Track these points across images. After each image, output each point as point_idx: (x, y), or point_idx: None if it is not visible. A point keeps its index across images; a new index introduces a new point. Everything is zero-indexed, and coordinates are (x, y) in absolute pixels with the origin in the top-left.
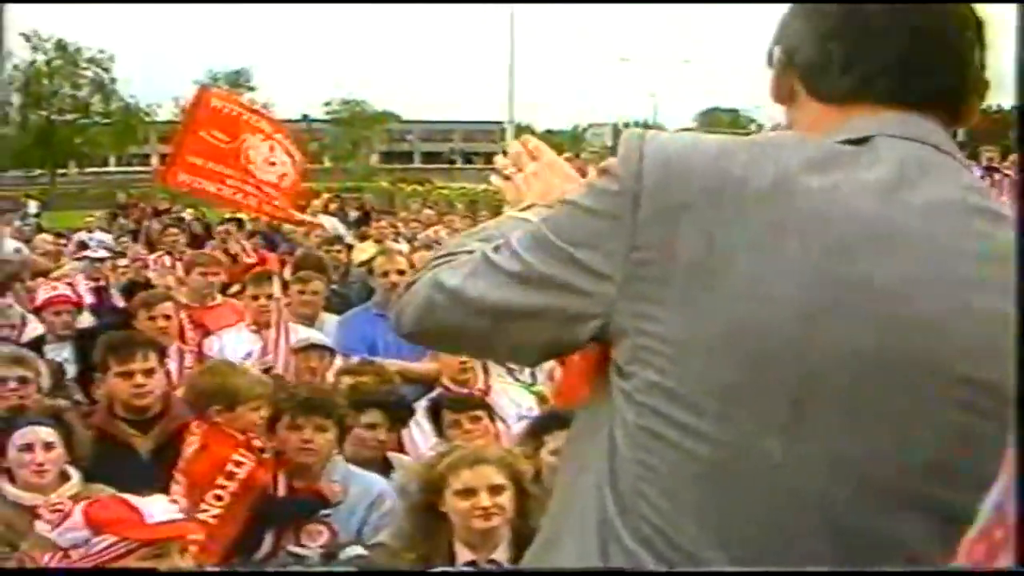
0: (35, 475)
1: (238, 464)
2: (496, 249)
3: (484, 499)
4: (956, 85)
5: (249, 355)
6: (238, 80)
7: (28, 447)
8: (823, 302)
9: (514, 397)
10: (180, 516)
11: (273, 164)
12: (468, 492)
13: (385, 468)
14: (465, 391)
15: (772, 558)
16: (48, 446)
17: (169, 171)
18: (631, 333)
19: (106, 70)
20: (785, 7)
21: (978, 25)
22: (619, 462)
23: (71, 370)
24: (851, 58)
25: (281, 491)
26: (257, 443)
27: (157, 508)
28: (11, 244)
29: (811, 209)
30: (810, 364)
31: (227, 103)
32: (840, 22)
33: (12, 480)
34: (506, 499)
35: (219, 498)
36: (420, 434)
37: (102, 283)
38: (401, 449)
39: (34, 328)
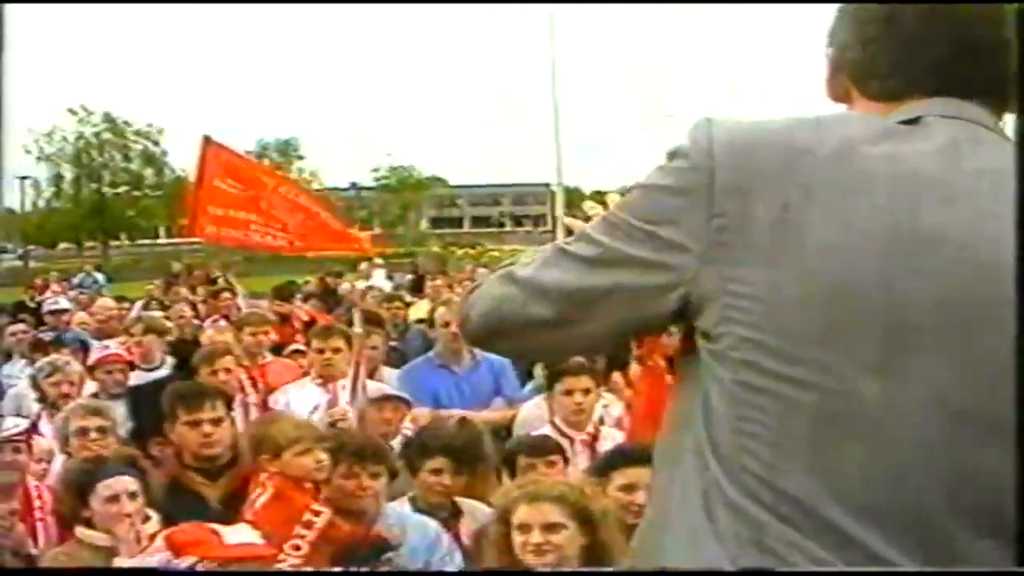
0: (121, 525)
1: (316, 513)
2: (569, 241)
3: (536, 536)
4: (997, 78)
5: (316, 408)
6: (287, 150)
7: (114, 498)
8: (900, 251)
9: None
10: (260, 542)
11: (294, 207)
12: (524, 528)
13: (454, 513)
14: (570, 434)
15: (883, 502)
16: (132, 495)
17: (195, 224)
18: (718, 296)
19: (155, 143)
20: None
21: (1020, 16)
22: (717, 423)
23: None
24: (895, 62)
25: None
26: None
27: (238, 532)
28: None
29: (875, 171)
30: (893, 308)
31: (232, 156)
32: (881, 28)
33: (91, 526)
34: (564, 537)
35: (297, 548)
36: None
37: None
38: (471, 495)
39: (90, 387)
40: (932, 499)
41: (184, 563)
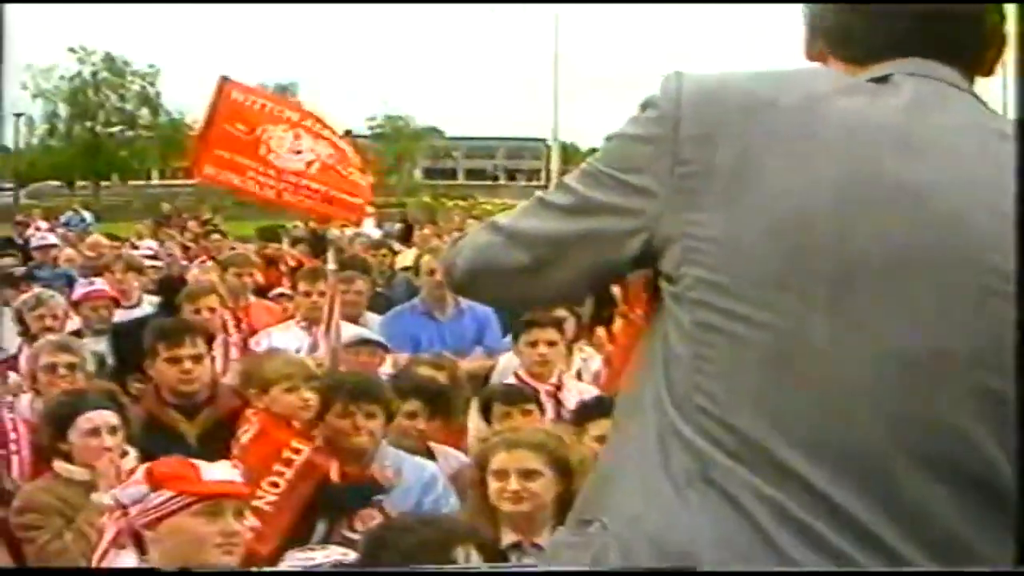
0: (101, 459)
1: (296, 451)
2: (548, 191)
3: (513, 482)
4: (971, 39)
5: (298, 351)
6: (285, 93)
7: (95, 431)
8: (855, 197)
9: (584, 393)
10: (239, 479)
11: (298, 152)
12: (501, 474)
13: (428, 458)
14: (533, 384)
15: (828, 441)
16: (113, 429)
17: (196, 164)
18: (679, 238)
19: (152, 84)
20: None
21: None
22: (674, 363)
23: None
24: (867, 26)
25: (334, 477)
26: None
27: (216, 469)
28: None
29: (839, 121)
30: (847, 253)
31: (247, 95)
32: None
33: (69, 460)
34: (541, 485)
35: (275, 485)
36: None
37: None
38: (446, 440)
39: (73, 323)
40: (878, 440)
41: (160, 497)
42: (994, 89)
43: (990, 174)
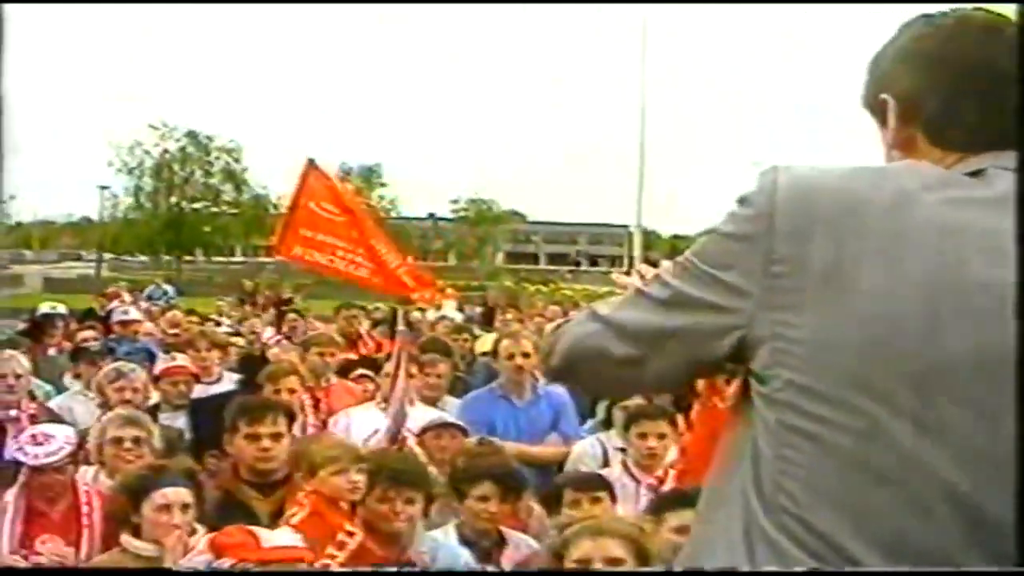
0: (169, 536)
1: (349, 534)
2: (647, 283)
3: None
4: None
5: (376, 432)
6: (370, 176)
7: (166, 507)
8: (943, 300)
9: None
10: (301, 544)
11: (375, 237)
12: (584, 562)
13: (500, 542)
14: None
15: (906, 542)
16: (185, 507)
17: (283, 244)
18: (769, 339)
19: (236, 160)
20: None
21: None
22: (762, 462)
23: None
24: (981, 117)
25: (377, 558)
26: None
27: (278, 536)
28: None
29: (930, 220)
30: (933, 357)
31: (333, 182)
32: (965, 79)
33: (137, 535)
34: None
35: (325, 567)
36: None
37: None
38: (516, 525)
39: (153, 398)
40: (954, 542)
41: (224, 564)
42: None
43: None
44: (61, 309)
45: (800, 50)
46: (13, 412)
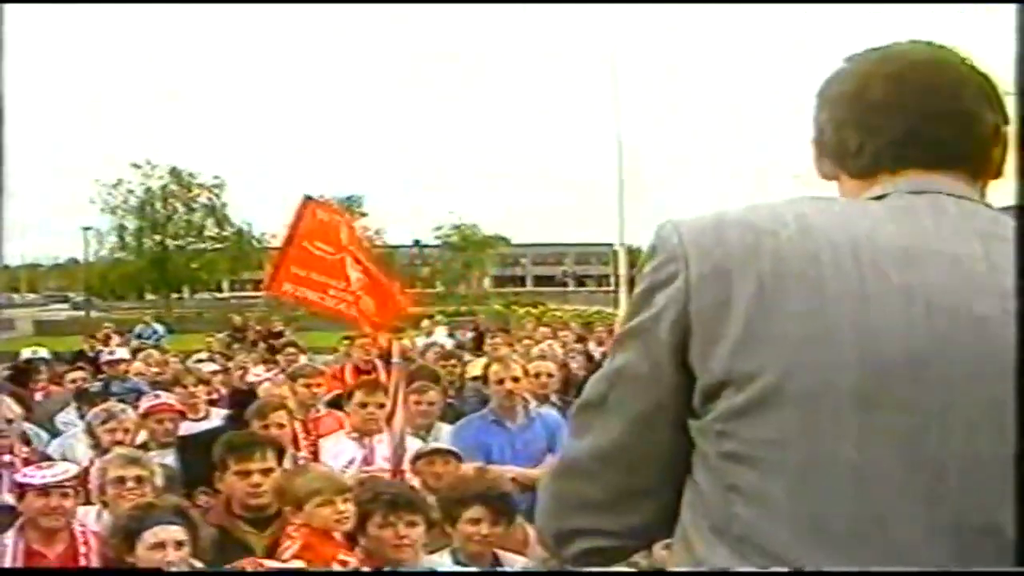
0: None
1: (343, 564)
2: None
3: None
4: (966, 145)
5: (351, 463)
6: (350, 206)
7: (160, 545)
8: (872, 313)
9: None
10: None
11: (358, 268)
12: None
13: (494, 565)
14: None
15: (868, 554)
16: (179, 544)
17: (274, 281)
18: (700, 375)
19: (218, 195)
20: None
21: (983, 79)
22: (703, 498)
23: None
24: (862, 141)
25: None
26: None
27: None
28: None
29: (840, 242)
30: (871, 369)
31: (331, 215)
32: (846, 110)
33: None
34: None
35: None
36: None
37: (215, 396)
38: (508, 547)
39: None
40: (913, 545)
41: None
42: None
43: (990, 276)
44: (43, 353)
45: (789, 57)
46: (7, 457)
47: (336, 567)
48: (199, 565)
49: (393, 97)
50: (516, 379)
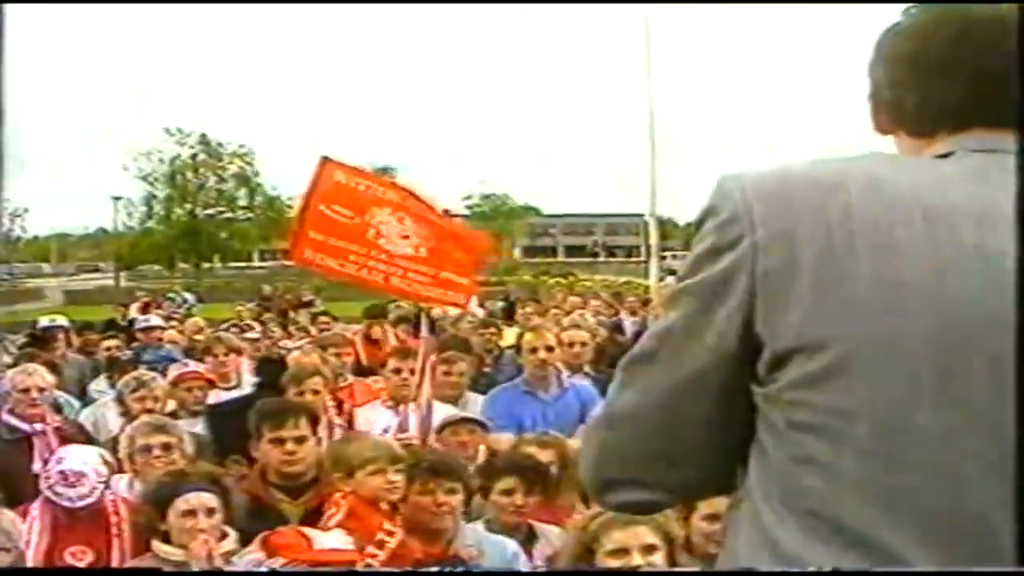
0: (196, 540)
1: (389, 534)
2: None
3: (637, 558)
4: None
5: (387, 431)
6: (383, 175)
7: (191, 513)
8: (947, 275)
9: None
10: (350, 547)
11: (407, 237)
12: (621, 552)
13: (530, 536)
14: None
15: (942, 521)
16: (210, 511)
17: (295, 248)
18: (769, 340)
19: (249, 163)
20: None
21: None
22: (772, 469)
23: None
24: (921, 102)
25: (418, 556)
26: None
27: (329, 538)
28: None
29: (911, 200)
30: (947, 333)
31: (350, 176)
32: (905, 71)
33: (167, 540)
34: (658, 559)
35: (368, 566)
36: None
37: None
38: (553, 519)
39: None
40: (987, 518)
41: (275, 563)
42: None
43: None
44: (61, 321)
45: (818, 35)
46: (39, 426)
47: (380, 536)
48: (232, 533)
49: (424, 66)
50: (550, 348)
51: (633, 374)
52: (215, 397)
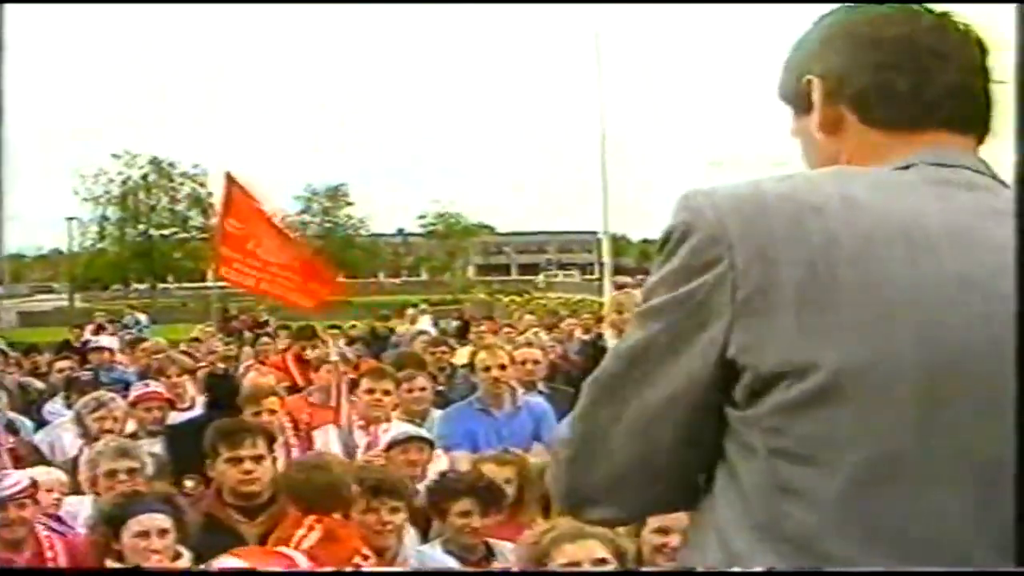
0: (149, 561)
1: (365, 558)
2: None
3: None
4: (989, 109)
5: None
6: (336, 195)
7: (144, 534)
8: (930, 299)
9: None
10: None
11: (281, 248)
12: (572, 566)
13: (488, 555)
14: None
15: (922, 548)
16: (162, 532)
17: (219, 269)
18: (748, 365)
19: (202, 184)
20: None
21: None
22: (745, 493)
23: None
24: (916, 85)
25: None
26: None
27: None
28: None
29: (885, 220)
30: (930, 358)
31: (240, 191)
32: (896, 53)
33: (122, 561)
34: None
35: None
36: None
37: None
38: (505, 535)
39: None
40: (966, 544)
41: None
42: None
43: (1006, 259)
44: (0, 345)
45: (765, 46)
46: None
47: (358, 559)
48: (187, 553)
49: (377, 86)
50: (503, 367)
51: (602, 393)
52: (172, 419)
